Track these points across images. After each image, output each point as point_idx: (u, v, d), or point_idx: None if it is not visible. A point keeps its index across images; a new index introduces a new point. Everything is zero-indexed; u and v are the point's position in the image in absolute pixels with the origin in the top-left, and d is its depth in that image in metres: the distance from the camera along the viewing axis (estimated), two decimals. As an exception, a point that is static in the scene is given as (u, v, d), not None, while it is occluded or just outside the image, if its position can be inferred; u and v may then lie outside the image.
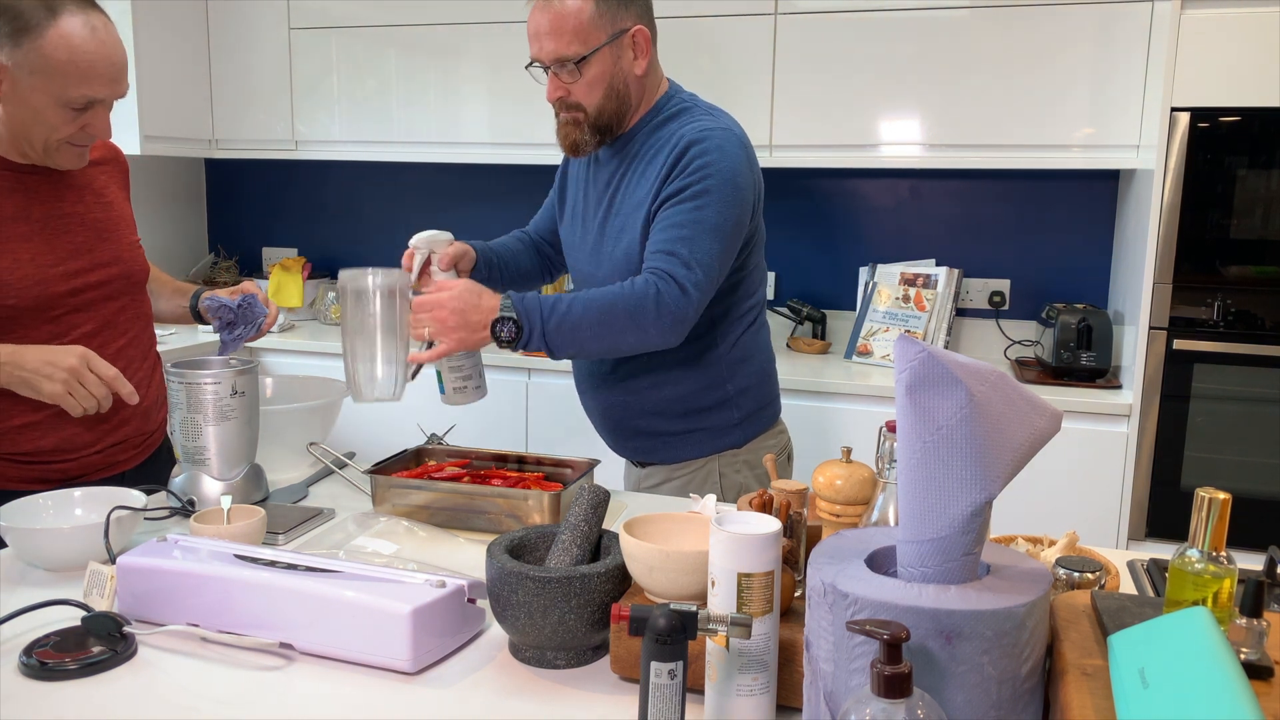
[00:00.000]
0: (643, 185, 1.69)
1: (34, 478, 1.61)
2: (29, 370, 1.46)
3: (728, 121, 1.70)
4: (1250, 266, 2.46)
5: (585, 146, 1.71)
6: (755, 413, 1.81)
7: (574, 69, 1.64)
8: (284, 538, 1.42)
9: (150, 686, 1.04)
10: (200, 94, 3.48)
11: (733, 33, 2.95)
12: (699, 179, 1.61)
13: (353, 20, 3.33)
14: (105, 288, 1.65)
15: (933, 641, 0.80)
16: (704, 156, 1.61)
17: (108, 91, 1.52)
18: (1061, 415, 0.89)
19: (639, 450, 1.84)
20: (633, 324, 1.57)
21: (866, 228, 3.27)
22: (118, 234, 1.70)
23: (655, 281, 1.57)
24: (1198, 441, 2.53)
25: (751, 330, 1.80)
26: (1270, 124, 2.40)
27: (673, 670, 0.87)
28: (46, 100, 1.48)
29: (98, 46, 1.48)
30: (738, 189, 1.63)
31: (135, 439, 1.72)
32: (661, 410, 1.77)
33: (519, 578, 1.05)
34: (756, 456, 1.81)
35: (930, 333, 2.98)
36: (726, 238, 1.62)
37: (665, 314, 1.57)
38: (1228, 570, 0.87)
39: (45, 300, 1.57)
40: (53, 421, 1.59)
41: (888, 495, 1.06)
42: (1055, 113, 2.74)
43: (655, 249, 1.61)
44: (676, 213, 1.61)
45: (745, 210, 1.66)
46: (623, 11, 1.65)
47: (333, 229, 3.87)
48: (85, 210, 1.65)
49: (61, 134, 1.53)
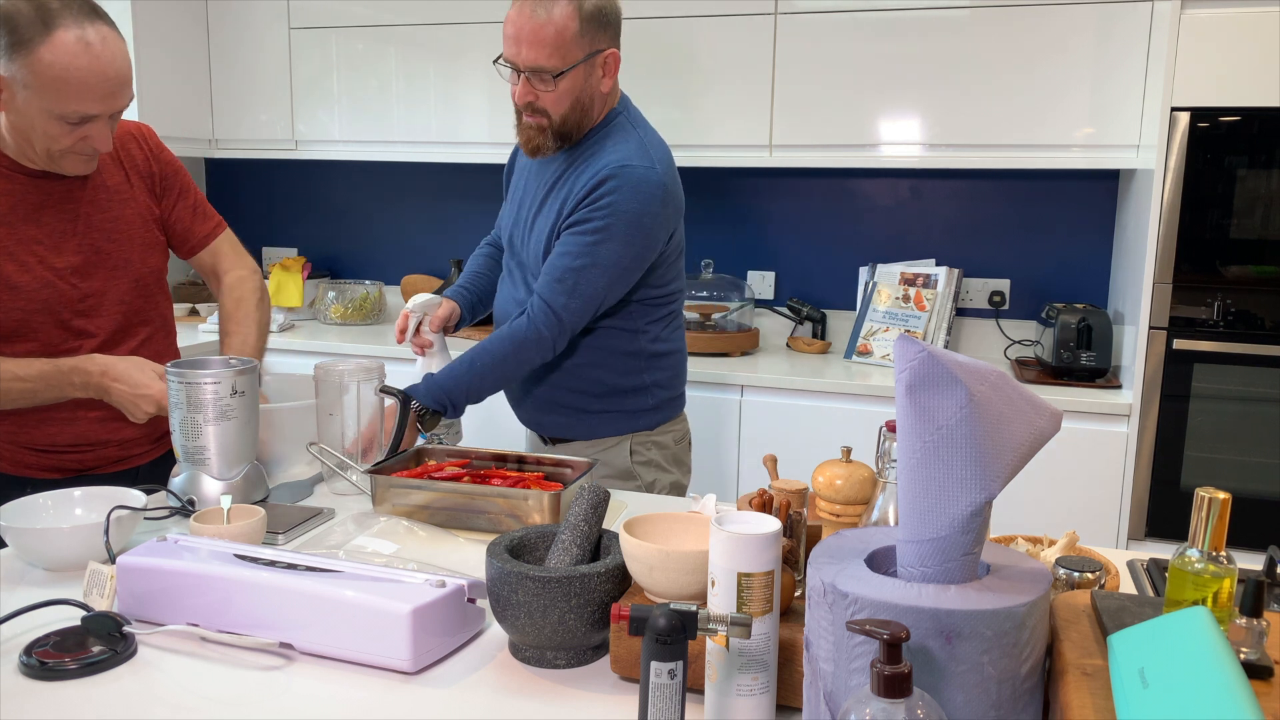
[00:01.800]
0: (566, 199, 1.79)
1: (51, 466, 1.65)
2: (115, 400, 1.54)
3: (656, 154, 1.80)
4: (1250, 266, 2.46)
5: (545, 150, 1.82)
6: (667, 401, 1.95)
7: (549, 80, 1.72)
8: (284, 538, 1.42)
9: (150, 686, 1.04)
10: (200, 94, 3.49)
11: (733, 32, 2.96)
12: (603, 215, 1.73)
13: (353, 20, 3.33)
14: (114, 293, 1.65)
15: (933, 641, 0.80)
16: (614, 195, 1.73)
17: (101, 108, 1.47)
18: (1061, 415, 0.89)
19: (554, 426, 1.94)
20: (520, 363, 1.78)
21: (866, 228, 3.27)
22: (129, 235, 1.67)
23: (537, 318, 1.76)
24: (1198, 441, 2.53)
25: (670, 328, 1.94)
26: (1270, 124, 2.40)
27: (673, 670, 0.87)
28: (41, 114, 1.45)
29: (90, 62, 1.42)
30: (641, 229, 1.75)
31: (147, 437, 1.75)
32: (585, 389, 1.89)
33: (519, 577, 1.05)
34: (665, 438, 1.95)
35: (930, 332, 2.98)
36: (620, 273, 1.77)
37: (544, 344, 1.77)
38: (1228, 570, 0.87)
39: (54, 304, 1.58)
40: (69, 417, 1.62)
41: (888, 495, 1.06)
42: (1055, 113, 2.74)
43: (548, 272, 1.77)
44: (576, 243, 1.75)
45: (649, 246, 1.79)
46: (600, 34, 1.74)
47: (333, 229, 3.87)
48: (96, 212, 1.63)
49: (60, 145, 1.50)
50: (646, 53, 3.01)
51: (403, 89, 3.32)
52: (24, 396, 1.54)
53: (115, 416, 1.66)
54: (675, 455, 1.98)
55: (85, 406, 1.63)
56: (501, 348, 1.77)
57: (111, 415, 1.66)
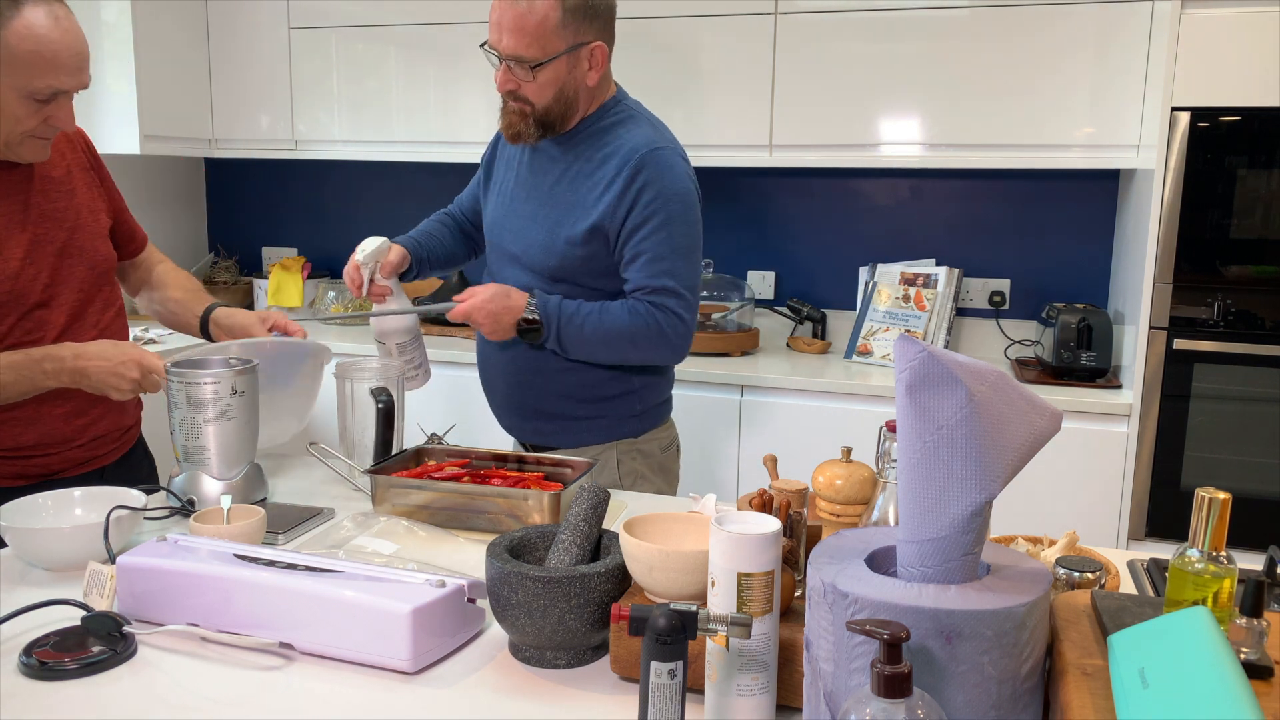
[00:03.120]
0: (591, 190, 1.77)
1: (14, 473, 1.61)
2: (94, 382, 1.52)
3: (670, 137, 1.80)
4: (1250, 266, 2.46)
5: (526, 137, 1.78)
6: (654, 406, 1.93)
7: (528, 70, 1.69)
8: (284, 537, 1.42)
9: (150, 686, 1.04)
10: (200, 94, 3.48)
11: (733, 32, 2.96)
12: (659, 206, 1.73)
13: (353, 20, 3.33)
14: (72, 282, 1.64)
15: (933, 641, 0.80)
16: (659, 182, 1.73)
17: (73, 82, 1.50)
18: (1061, 415, 0.89)
19: (538, 432, 1.91)
20: (636, 348, 1.77)
21: (866, 228, 3.27)
22: (81, 224, 1.67)
23: (658, 315, 1.75)
24: (1198, 441, 2.53)
25: None
26: (1270, 124, 2.40)
27: (673, 670, 0.87)
28: (10, 93, 1.47)
29: (61, 36, 1.46)
30: (691, 207, 1.78)
31: (113, 433, 1.72)
32: (569, 394, 1.86)
33: (519, 577, 1.05)
34: (650, 446, 1.92)
35: (930, 332, 2.98)
36: (697, 253, 1.80)
37: (670, 343, 1.77)
38: (1228, 570, 0.87)
39: (15, 295, 1.56)
40: (32, 416, 1.59)
41: (888, 495, 1.06)
42: (1055, 112, 2.74)
43: (645, 283, 1.75)
44: (651, 245, 1.74)
45: (700, 221, 1.81)
46: (586, 25, 1.71)
47: (333, 229, 3.87)
48: (48, 203, 1.63)
49: (25, 126, 1.51)
50: (646, 53, 3.01)
51: (403, 89, 3.32)
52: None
53: (80, 413, 1.64)
54: (661, 463, 1.94)
55: (49, 403, 1.60)
56: (618, 321, 1.75)
57: (76, 412, 1.63)
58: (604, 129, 1.79)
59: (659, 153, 1.74)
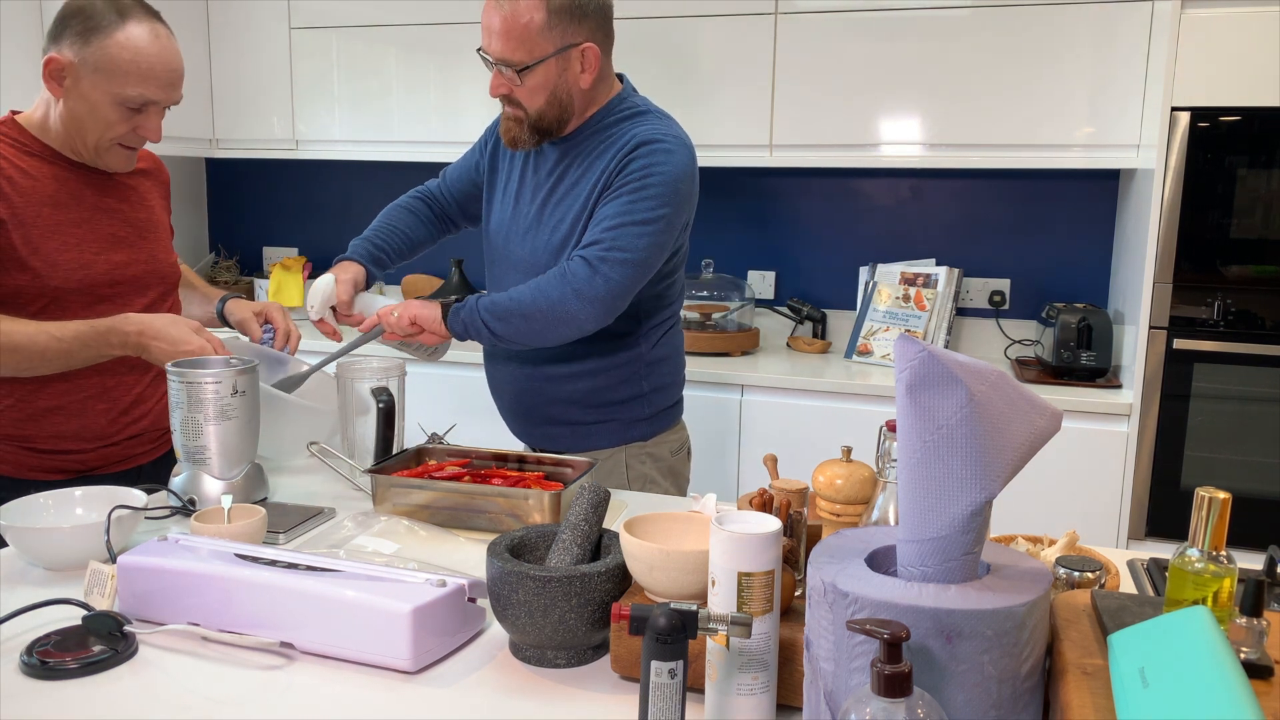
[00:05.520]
0: (587, 180, 1.74)
1: (53, 468, 1.66)
2: (154, 357, 1.57)
3: (679, 130, 1.77)
4: (1250, 266, 2.46)
5: (522, 143, 1.77)
6: (665, 409, 1.90)
7: (515, 74, 1.68)
8: (284, 537, 1.42)
9: (150, 686, 1.04)
10: (200, 94, 3.48)
11: (733, 32, 2.96)
12: (640, 176, 1.68)
13: (353, 20, 3.33)
14: (140, 281, 1.72)
15: (933, 641, 0.80)
16: (651, 156, 1.68)
17: (163, 95, 1.60)
18: (1061, 415, 0.89)
19: (546, 438, 1.89)
20: (553, 309, 1.66)
21: (866, 227, 3.27)
22: (154, 236, 1.77)
23: (564, 264, 1.67)
24: (1198, 441, 2.54)
25: (670, 334, 1.90)
26: (1270, 124, 2.40)
27: (673, 669, 0.87)
28: (105, 97, 1.57)
29: (159, 51, 1.58)
30: (677, 193, 1.70)
31: (151, 433, 1.77)
32: (577, 400, 1.84)
33: (519, 577, 1.05)
34: (660, 449, 1.90)
35: (930, 332, 2.98)
36: (657, 233, 1.68)
37: (578, 294, 1.65)
38: (1228, 570, 0.88)
39: (87, 285, 1.63)
40: (78, 407, 1.65)
41: (888, 495, 1.06)
42: (1055, 112, 2.74)
43: (585, 240, 1.69)
44: (611, 207, 1.68)
45: (679, 212, 1.73)
46: (574, 26, 1.67)
47: (333, 229, 3.87)
48: (128, 209, 1.73)
49: (115, 133, 1.60)
50: (646, 53, 3.01)
51: (403, 89, 3.32)
52: (60, 357, 1.56)
53: (123, 412, 1.70)
54: (672, 467, 1.92)
55: (97, 399, 1.66)
56: (528, 287, 1.69)
57: (120, 410, 1.69)
58: (609, 124, 1.76)
59: (665, 138, 1.71)
